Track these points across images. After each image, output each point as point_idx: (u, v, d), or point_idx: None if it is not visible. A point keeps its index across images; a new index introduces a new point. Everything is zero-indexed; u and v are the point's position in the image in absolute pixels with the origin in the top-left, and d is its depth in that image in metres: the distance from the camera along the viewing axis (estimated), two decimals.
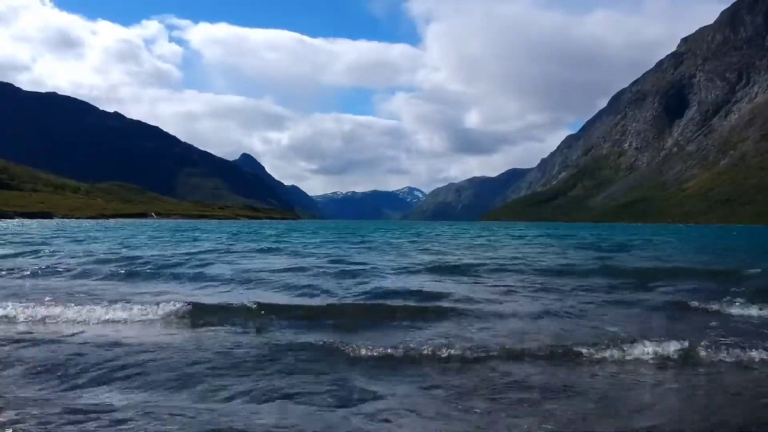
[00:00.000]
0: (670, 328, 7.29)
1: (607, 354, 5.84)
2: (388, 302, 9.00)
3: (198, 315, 7.64)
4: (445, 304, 8.79)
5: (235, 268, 14.38)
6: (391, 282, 11.92)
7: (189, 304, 7.98)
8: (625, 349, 5.93)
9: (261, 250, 21.97)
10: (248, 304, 8.13)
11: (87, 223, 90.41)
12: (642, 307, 8.95)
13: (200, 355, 5.73)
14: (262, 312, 7.80)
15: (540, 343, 6.18)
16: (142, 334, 6.77)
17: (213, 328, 7.12)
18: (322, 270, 14.02)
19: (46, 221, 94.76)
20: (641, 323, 7.73)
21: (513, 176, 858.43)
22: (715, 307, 8.60)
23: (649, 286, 11.39)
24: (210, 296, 9.83)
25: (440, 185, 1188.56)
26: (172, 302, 7.99)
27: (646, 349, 5.91)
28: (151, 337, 6.60)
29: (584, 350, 5.90)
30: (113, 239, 30.25)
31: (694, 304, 8.83)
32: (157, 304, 8.00)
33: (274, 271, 13.80)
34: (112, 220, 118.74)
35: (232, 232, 47.26)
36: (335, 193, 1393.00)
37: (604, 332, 6.89)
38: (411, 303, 8.97)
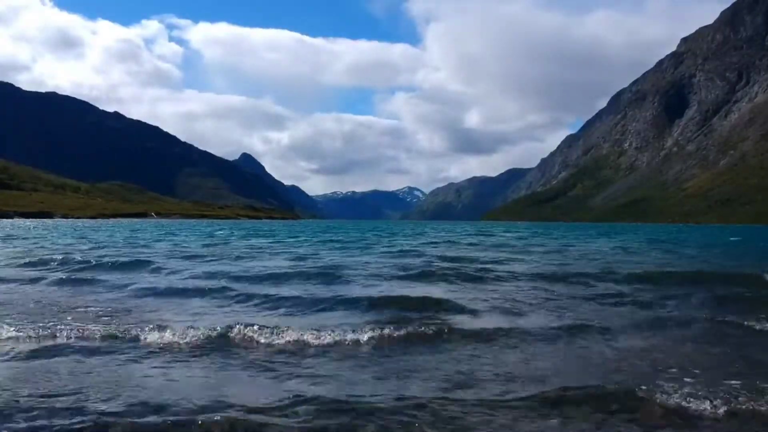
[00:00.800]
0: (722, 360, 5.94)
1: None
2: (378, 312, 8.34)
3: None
4: (442, 317, 8.09)
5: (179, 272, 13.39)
6: (387, 288, 11.25)
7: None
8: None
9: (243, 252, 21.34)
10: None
11: (81, 222, 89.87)
12: (674, 325, 7.59)
13: None
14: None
15: (547, 386, 4.81)
16: None
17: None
18: (296, 273, 13.35)
19: (45, 221, 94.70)
20: (684, 349, 6.36)
21: (513, 176, 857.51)
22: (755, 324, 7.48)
23: (669, 294, 10.21)
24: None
25: (440, 185, 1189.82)
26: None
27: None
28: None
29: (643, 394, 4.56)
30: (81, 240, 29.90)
31: (731, 318, 7.80)
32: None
33: (238, 277, 12.69)
34: (111, 220, 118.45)
35: (208, 233, 44.71)
36: (335, 193, 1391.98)
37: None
38: (405, 314, 8.20)
